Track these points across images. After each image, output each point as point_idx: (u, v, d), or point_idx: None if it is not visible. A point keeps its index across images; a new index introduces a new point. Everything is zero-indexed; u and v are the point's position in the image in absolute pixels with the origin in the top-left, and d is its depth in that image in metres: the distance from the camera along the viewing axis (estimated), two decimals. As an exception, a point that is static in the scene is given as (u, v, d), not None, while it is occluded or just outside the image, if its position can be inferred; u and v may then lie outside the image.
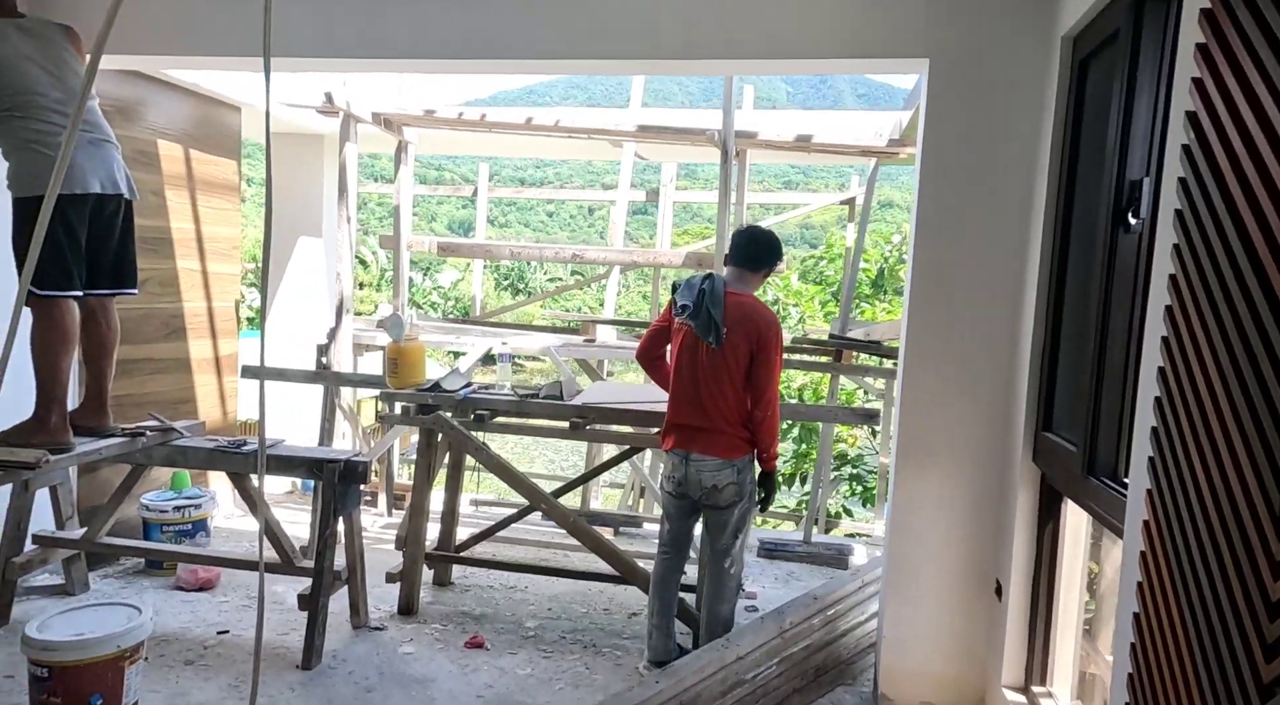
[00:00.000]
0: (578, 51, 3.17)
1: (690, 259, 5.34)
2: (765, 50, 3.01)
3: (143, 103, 4.40)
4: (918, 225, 2.94)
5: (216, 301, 5.02)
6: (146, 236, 4.37)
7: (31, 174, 2.74)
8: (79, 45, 2.98)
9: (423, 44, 3.24)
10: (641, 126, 4.89)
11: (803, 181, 22.87)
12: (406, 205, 5.54)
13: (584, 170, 26.70)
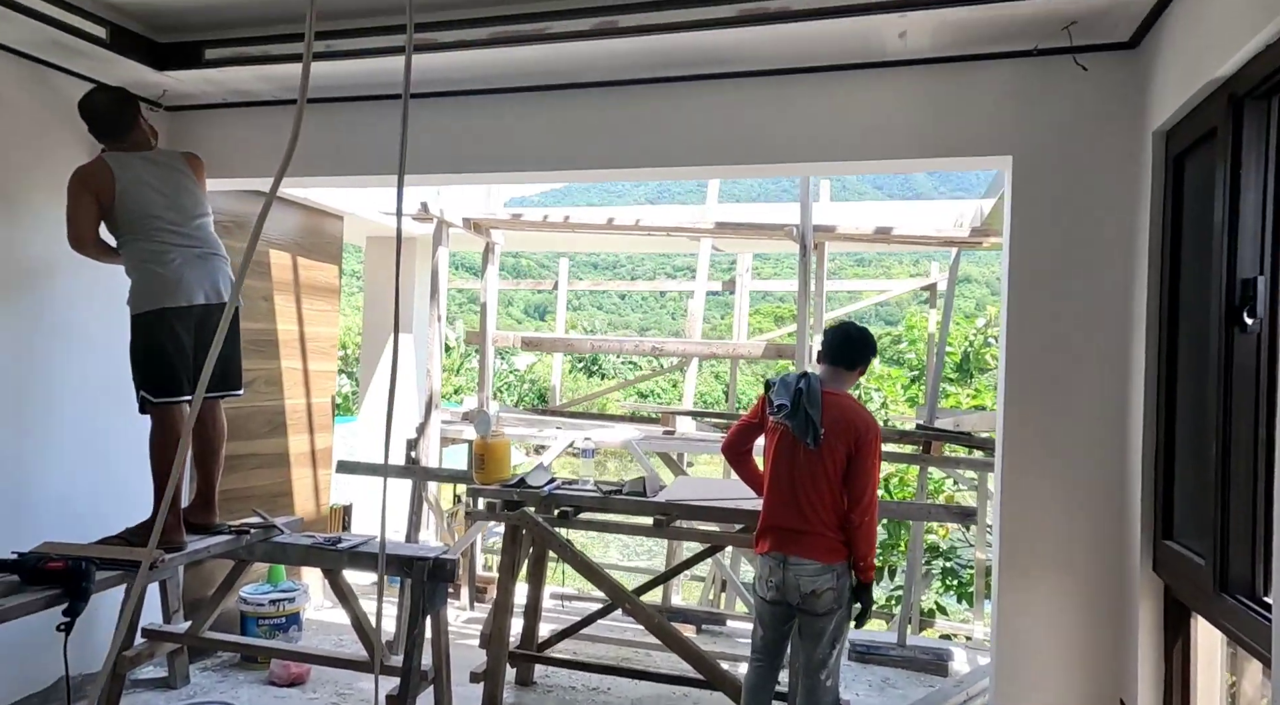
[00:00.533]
0: (668, 160, 3.32)
1: (769, 350, 5.34)
2: (847, 154, 3.08)
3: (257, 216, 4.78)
4: (1009, 323, 2.88)
5: (315, 397, 5.28)
6: (256, 339, 4.68)
7: (144, 291, 2.99)
8: (199, 170, 3.25)
9: (528, 159, 3.47)
10: (720, 223, 5.02)
11: (877, 260, 22.69)
12: (492, 302, 5.78)
13: (660, 255, 27.32)
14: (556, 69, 3.29)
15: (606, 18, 2.84)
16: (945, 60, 2.92)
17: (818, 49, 2.96)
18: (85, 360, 3.47)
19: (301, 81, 1.08)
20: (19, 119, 3.23)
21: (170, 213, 3.04)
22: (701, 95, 3.25)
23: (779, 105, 3.16)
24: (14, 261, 3.22)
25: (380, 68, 3.27)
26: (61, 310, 3.40)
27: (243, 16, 3.17)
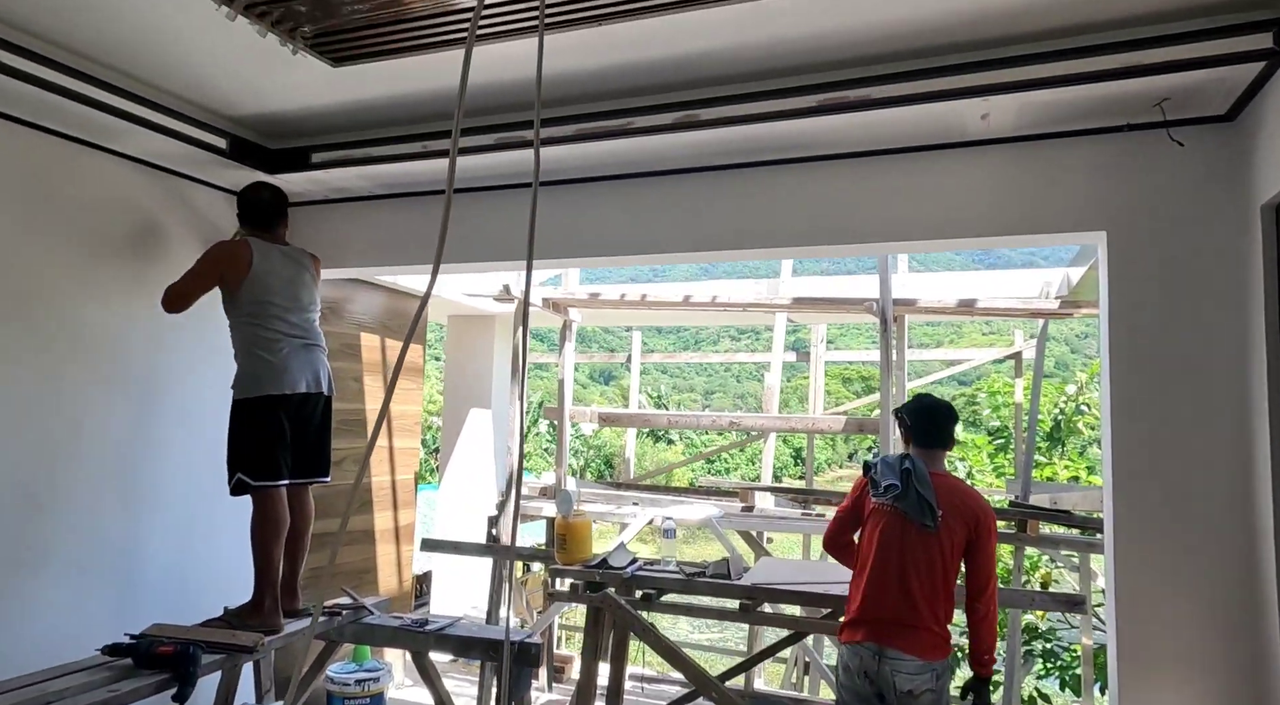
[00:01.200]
0: (749, 243, 3.36)
1: (850, 425, 5.24)
2: (931, 233, 3.06)
3: (350, 301, 5.02)
4: (1114, 403, 2.76)
5: (399, 474, 5.41)
6: (346, 419, 4.85)
7: (251, 377, 3.17)
8: (317, 269, 3.51)
9: (609, 244, 3.58)
10: (797, 299, 5.02)
11: (951, 322, 22.16)
12: (569, 380, 5.87)
13: (733, 326, 27.29)
14: (638, 159, 3.41)
15: (687, 112, 2.94)
16: (1031, 138, 2.90)
17: (898, 132, 2.99)
18: (193, 442, 3.65)
19: (448, 182, 1.15)
20: (143, 223, 3.51)
21: (288, 303, 3.26)
22: (781, 178, 3.30)
23: (860, 186, 3.18)
24: (132, 349, 3.45)
25: (472, 164, 3.45)
26: (173, 394, 3.61)
27: (346, 122, 3.41)
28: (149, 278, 3.50)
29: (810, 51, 2.63)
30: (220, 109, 3.30)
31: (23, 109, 2.91)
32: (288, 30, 2.37)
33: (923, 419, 2.99)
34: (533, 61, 2.68)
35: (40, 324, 3.09)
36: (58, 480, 3.15)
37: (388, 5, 2.23)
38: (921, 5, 2.30)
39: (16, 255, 3.01)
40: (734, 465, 22.59)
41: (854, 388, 25.44)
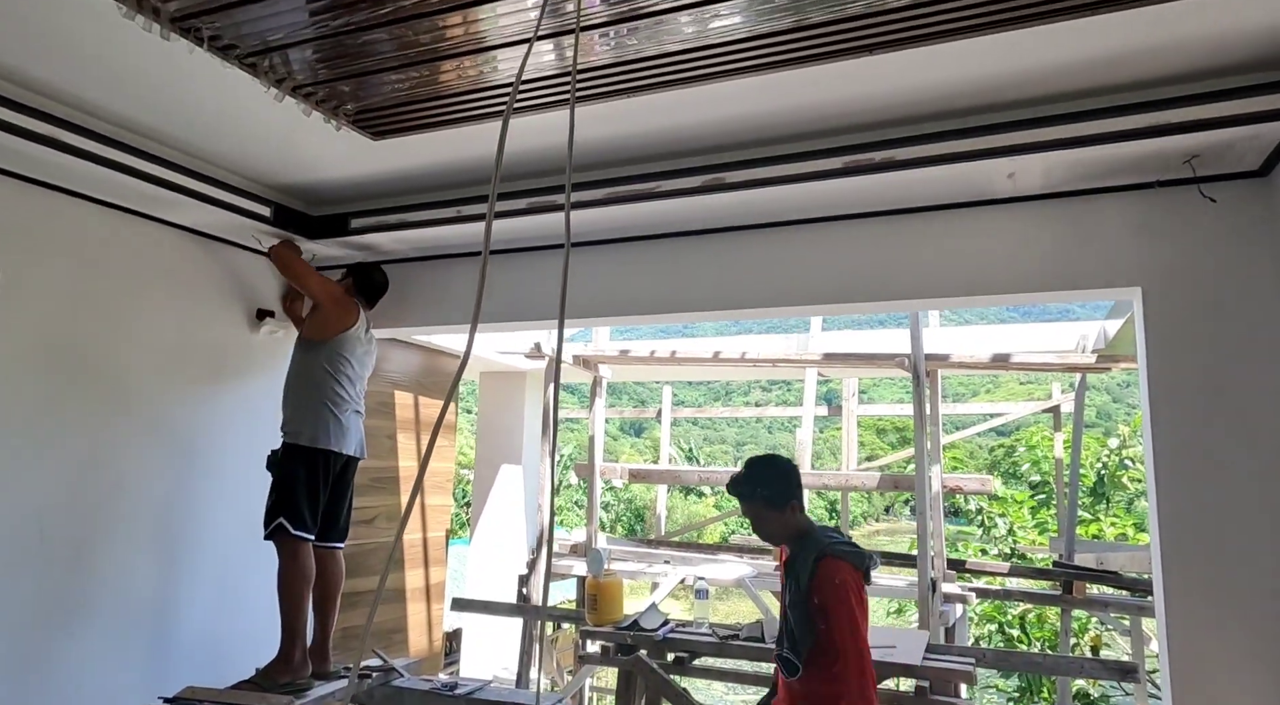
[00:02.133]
0: (777, 300, 3.37)
1: (885, 482, 5.15)
2: (962, 289, 3.05)
3: (386, 360, 5.11)
4: (1157, 462, 2.68)
5: (431, 532, 5.41)
6: (380, 476, 4.90)
7: (317, 428, 3.30)
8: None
9: (640, 303, 3.61)
10: (827, 354, 5.01)
11: (990, 375, 21.80)
12: (600, 437, 5.87)
13: (762, 381, 27.08)
14: (666, 220, 3.46)
15: (714, 175, 2.99)
16: (1060, 195, 2.90)
17: (926, 191, 3.01)
18: (231, 502, 3.71)
19: (484, 246, 1.18)
20: (187, 287, 3.63)
21: (360, 371, 3.50)
22: (808, 237, 3.33)
23: (888, 244, 3.19)
24: (175, 409, 3.54)
25: (506, 227, 3.53)
26: (211, 456, 3.68)
27: (383, 189, 3.53)
28: (192, 340, 3.62)
29: (835, 116, 2.69)
30: (265, 179, 3.44)
31: (80, 183, 3.06)
32: (331, 108, 2.49)
33: (793, 479, 2.57)
34: (563, 128, 2.77)
35: (90, 383, 3.19)
36: (99, 537, 3.21)
37: (426, 83, 2.34)
38: (943, 71, 2.34)
39: (70, 318, 3.13)
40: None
41: (889, 439, 25.03)
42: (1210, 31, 2.12)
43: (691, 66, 2.28)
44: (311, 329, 3.50)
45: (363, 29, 2.05)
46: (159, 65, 2.35)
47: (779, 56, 2.22)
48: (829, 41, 2.13)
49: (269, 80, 2.28)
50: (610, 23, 2.03)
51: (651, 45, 2.15)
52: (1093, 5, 1.93)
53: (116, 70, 2.43)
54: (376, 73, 2.28)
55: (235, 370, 3.84)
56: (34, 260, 2.99)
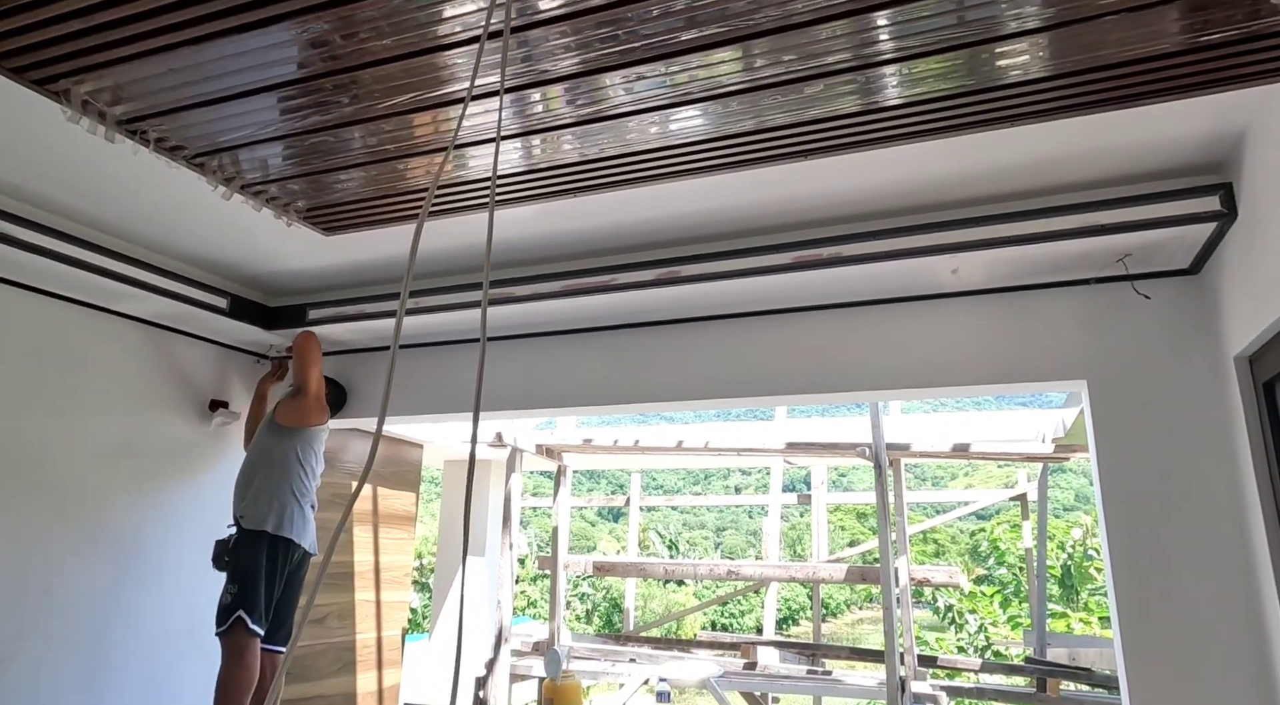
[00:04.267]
0: (732, 391, 3.37)
1: (853, 574, 5.04)
2: (915, 381, 3.07)
3: (344, 450, 5.00)
4: (1112, 552, 2.65)
5: (386, 630, 5.16)
6: (333, 572, 4.70)
7: (283, 516, 3.21)
8: None
9: (596, 393, 3.59)
10: (790, 443, 4.99)
11: (951, 464, 21.79)
12: (564, 527, 5.73)
13: (732, 468, 26.83)
14: (624, 311, 3.49)
15: (669, 268, 3.04)
16: (1006, 290, 2.97)
17: (875, 285, 3.07)
18: (165, 609, 3.53)
19: (394, 335, 1.16)
20: (139, 381, 3.55)
21: (317, 467, 3.47)
22: (763, 329, 3.36)
23: (842, 336, 3.22)
24: (108, 511, 3.39)
25: (462, 318, 3.54)
26: (149, 559, 3.52)
27: (339, 281, 3.54)
28: (139, 435, 3.52)
29: (785, 212, 2.76)
30: (222, 270, 3.44)
31: (29, 276, 3.03)
32: (282, 205, 2.51)
33: None
34: (519, 224, 2.80)
35: (27, 482, 3.07)
36: (25, 648, 3.01)
37: (374, 181, 2.37)
38: (891, 170, 2.43)
39: (12, 412, 3.03)
40: (748, 608, 21.60)
41: (869, 523, 24.69)
42: (1140, 138, 2.23)
43: (653, 165, 2.32)
44: (290, 415, 3.39)
45: (310, 132, 2.09)
46: (113, 161, 2.37)
47: (734, 158, 2.28)
48: (783, 144, 2.20)
49: (218, 179, 2.30)
50: (563, 126, 2.09)
51: (612, 145, 2.20)
52: (1031, 113, 2.03)
53: (70, 165, 2.45)
54: (326, 172, 2.32)
55: (183, 464, 3.72)
56: (-28, 353, 2.92)
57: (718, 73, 1.86)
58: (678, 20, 1.67)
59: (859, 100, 1.98)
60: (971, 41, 1.76)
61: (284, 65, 1.80)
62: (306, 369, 3.48)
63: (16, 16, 1.63)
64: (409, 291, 1.20)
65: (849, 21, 1.69)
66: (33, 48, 1.73)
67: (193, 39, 1.68)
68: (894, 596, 4.36)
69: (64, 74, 1.80)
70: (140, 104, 1.92)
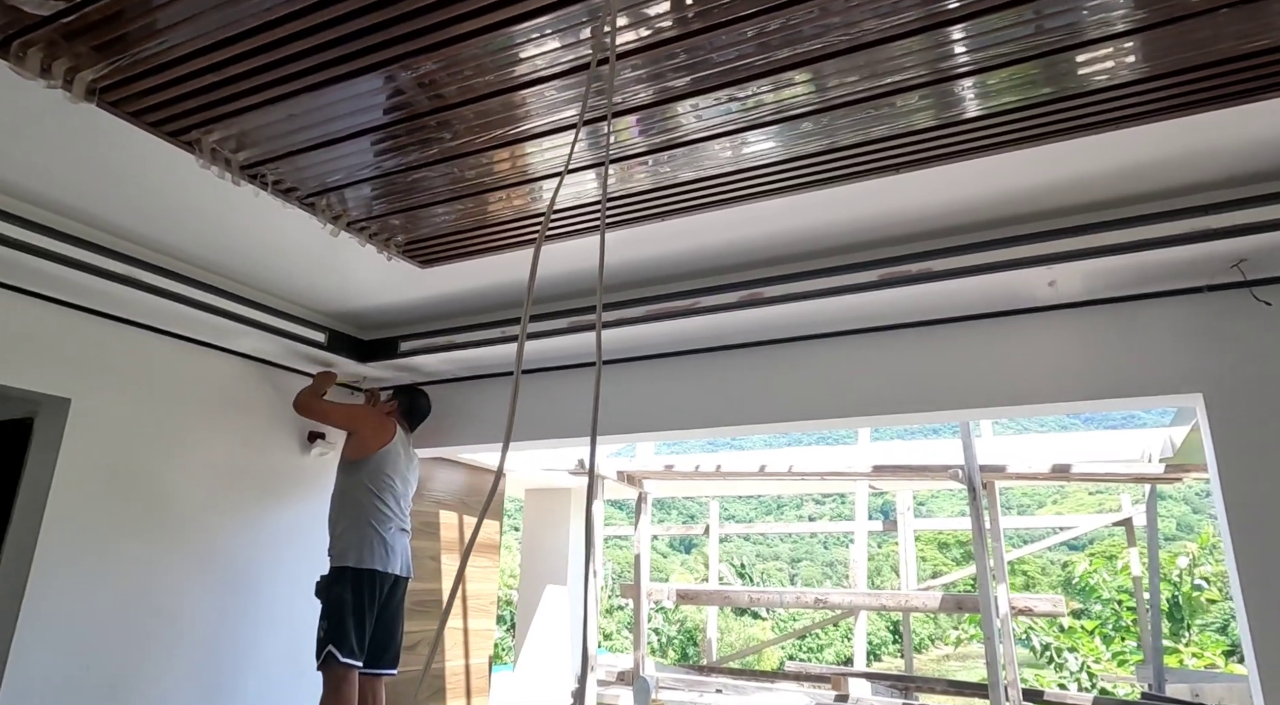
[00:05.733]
0: (820, 413, 3.32)
1: (948, 603, 4.85)
2: (1011, 398, 2.97)
3: (431, 479, 5.12)
4: (1243, 583, 2.48)
5: (473, 658, 5.22)
6: (422, 599, 4.79)
7: (362, 548, 3.27)
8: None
9: (682, 418, 3.58)
10: (877, 466, 4.87)
11: (1055, 485, 20.75)
12: (646, 555, 5.71)
13: (814, 494, 26.20)
14: (706, 335, 3.49)
15: (752, 290, 3.04)
16: (1109, 301, 2.85)
17: (965, 301, 2.99)
18: (273, 640, 3.66)
19: (516, 361, 1.19)
20: (244, 414, 3.74)
21: (402, 489, 3.51)
22: (848, 349, 3.31)
23: (931, 354, 3.15)
24: (224, 534, 3.56)
25: (544, 346, 3.60)
26: (261, 591, 3.67)
27: (431, 312, 3.67)
28: (245, 465, 3.69)
29: (870, 230, 2.74)
30: (319, 306, 3.61)
31: (147, 315, 3.23)
32: (384, 240, 2.63)
33: None
34: (610, 249, 2.85)
35: (144, 510, 3.25)
36: (146, 671, 3.16)
37: (471, 214, 2.46)
38: (978, 183, 2.39)
39: (131, 445, 3.23)
40: (828, 641, 20.96)
41: (952, 554, 23.76)
42: (1247, 136, 2.14)
43: (726, 189, 2.36)
44: (350, 450, 3.55)
45: (413, 168, 2.19)
46: (218, 204, 2.53)
47: (808, 178, 2.29)
48: (856, 162, 2.20)
49: (326, 217, 2.43)
50: (647, 152, 2.14)
51: (688, 171, 2.24)
52: (1124, 117, 1.97)
53: (180, 210, 2.63)
54: (425, 206, 2.42)
55: (285, 493, 3.89)
56: (101, 389, 3.13)
57: (785, 96, 1.88)
58: (770, 40, 1.70)
59: (934, 115, 1.96)
60: (1055, 48, 1.73)
61: (391, 105, 1.90)
62: (324, 420, 3.69)
63: (156, 75, 1.78)
64: (528, 316, 1.24)
65: (925, 37, 1.68)
66: (168, 102, 1.87)
67: (312, 85, 1.79)
68: (994, 626, 4.17)
69: (195, 125, 1.94)
70: (260, 150, 2.06)
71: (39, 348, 2.93)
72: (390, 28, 1.62)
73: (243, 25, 1.61)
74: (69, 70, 1.70)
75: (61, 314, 3.00)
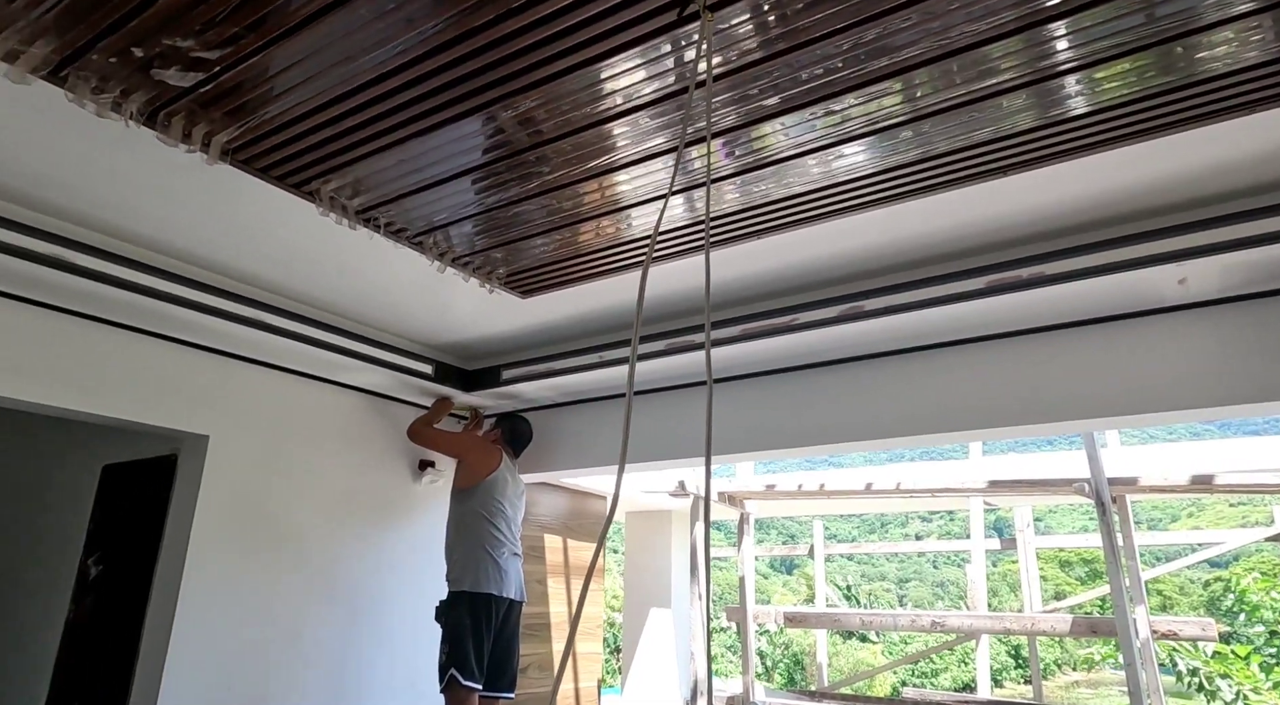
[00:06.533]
0: (920, 428, 3.21)
1: (1079, 626, 4.55)
2: (1139, 406, 2.78)
3: (534, 504, 5.22)
4: None
5: (582, 682, 5.26)
6: (532, 622, 4.87)
7: (477, 573, 3.37)
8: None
9: (785, 435, 3.53)
10: (993, 482, 4.64)
11: (1190, 497, 19.26)
12: (750, 576, 5.62)
13: (920, 511, 25.21)
14: (804, 352, 3.43)
15: (851, 304, 2.97)
16: (1249, 298, 2.64)
17: (1083, 304, 2.83)
18: (391, 657, 3.80)
19: (629, 382, 1.20)
20: (359, 444, 3.93)
21: (513, 513, 3.61)
22: (954, 360, 3.18)
23: (1047, 362, 2.99)
24: (343, 559, 3.73)
25: (644, 368, 3.62)
26: (381, 616, 3.82)
27: (530, 341, 3.76)
28: (361, 493, 3.87)
29: (974, 235, 2.64)
30: (425, 339, 3.76)
31: (273, 355, 3.45)
32: (486, 274, 2.72)
33: None
34: (693, 272, 2.86)
35: (272, 536, 3.45)
36: (280, 693, 3.34)
37: (569, 244, 2.52)
38: (1095, 179, 2.26)
39: (259, 476, 3.44)
40: (941, 666, 19.99)
41: (1075, 573, 22.31)
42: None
43: (819, 205, 2.33)
44: (460, 478, 3.68)
45: (514, 202, 2.27)
46: (332, 248, 2.69)
47: (906, 187, 2.24)
48: (959, 167, 2.13)
49: (433, 254, 2.54)
50: (738, 172, 2.14)
51: (778, 189, 2.23)
52: (1244, 105, 1.84)
53: (300, 255, 2.80)
54: (525, 239, 2.49)
55: (399, 520, 4.05)
56: (234, 425, 3.36)
57: (882, 106, 1.84)
58: (862, 52, 1.67)
59: (1036, 116, 1.88)
60: (1170, 37, 1.62)
61: (492, 144, 1.98)
62: (434, 448, 3.87)
63: (280, 133, 1.91)
64: (638, 337, 1.25)
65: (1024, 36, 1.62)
66: (291, 157, 2.01)
67: (420, 131, 1.89)
68: (1135, 651, 3.88)
69: (315, 176, 2.07)
70: (373, 194, 2.18)
71: (180, 389, 3.18)
72: (493, 70, 1.69)
73: (357, 80, 1.72)
74: (206, 135, 1.86)
75: (199, 357, 3.24)
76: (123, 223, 2.53)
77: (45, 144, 2.07)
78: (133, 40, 1.56)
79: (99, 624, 3.61)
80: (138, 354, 3.05)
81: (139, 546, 3.40)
